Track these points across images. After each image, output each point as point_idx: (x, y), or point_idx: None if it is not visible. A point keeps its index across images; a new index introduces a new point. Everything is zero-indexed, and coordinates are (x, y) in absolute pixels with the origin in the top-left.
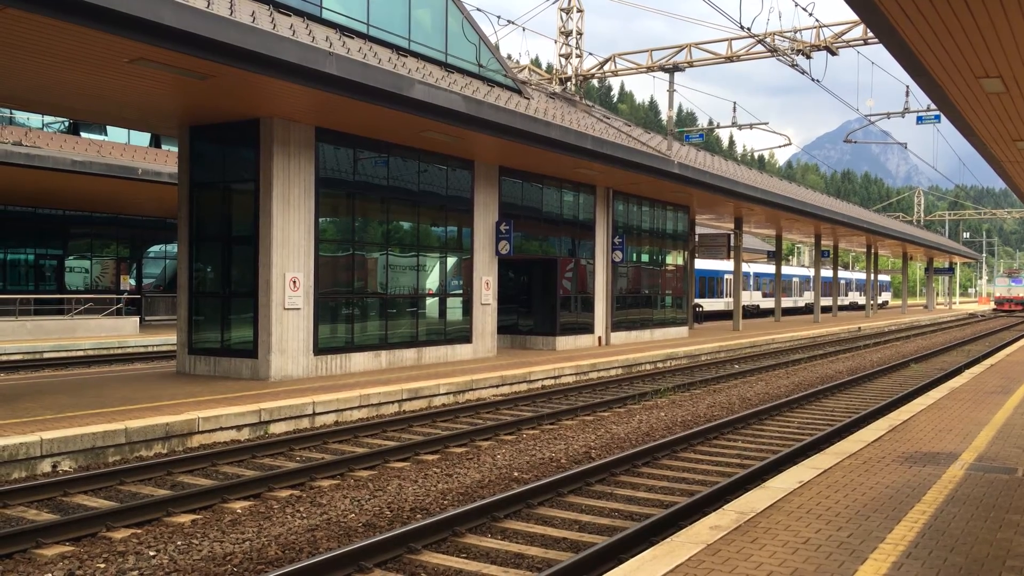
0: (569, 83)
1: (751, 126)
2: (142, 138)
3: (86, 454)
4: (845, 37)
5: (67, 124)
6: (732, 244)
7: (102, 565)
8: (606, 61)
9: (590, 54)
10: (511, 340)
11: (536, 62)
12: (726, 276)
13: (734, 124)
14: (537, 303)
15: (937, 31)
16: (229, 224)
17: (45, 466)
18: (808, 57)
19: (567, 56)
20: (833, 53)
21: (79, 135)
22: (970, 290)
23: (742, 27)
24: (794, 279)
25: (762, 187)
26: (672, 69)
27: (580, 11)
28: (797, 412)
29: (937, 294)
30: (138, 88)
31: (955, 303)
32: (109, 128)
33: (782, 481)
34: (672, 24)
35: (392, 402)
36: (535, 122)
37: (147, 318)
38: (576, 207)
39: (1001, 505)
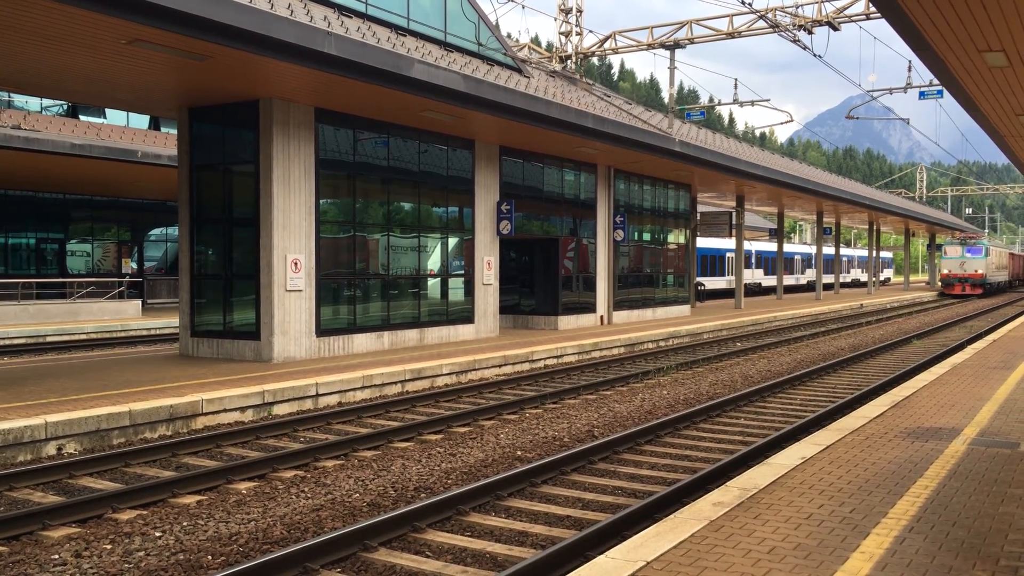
0: (569, 61)
1: (752, 103)
2: (141, 120)
3: (91, 436)
4: (847, 12)
5: (66, 107)
6: (734, 222)
7: (108, 546)
8: (606, 39)
9: (590, 31)
10: (513, 320)
11: (536, 40)
12: (728, 254)
13: (735, 101)
14: (539, 283)
15: (940, 4)
16: (230, 206)
17: (50, 449)
18: (810, 32)
19: (567, 34)
20: (835, 28)
21: (78, 118)
22: None
23: (743, 2)
24: (796, 257)
25: (764, 164)
26: (673, 46)
27: None
28: (799, 389)
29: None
30: (136, 70)
31: None
32: (108, 111)
33: (785, 457)
34: (672, 0)
35: (395, 382)
36: (535, 101)
37: (149, 301)
38: (577, 186)
39: (1003, 479)
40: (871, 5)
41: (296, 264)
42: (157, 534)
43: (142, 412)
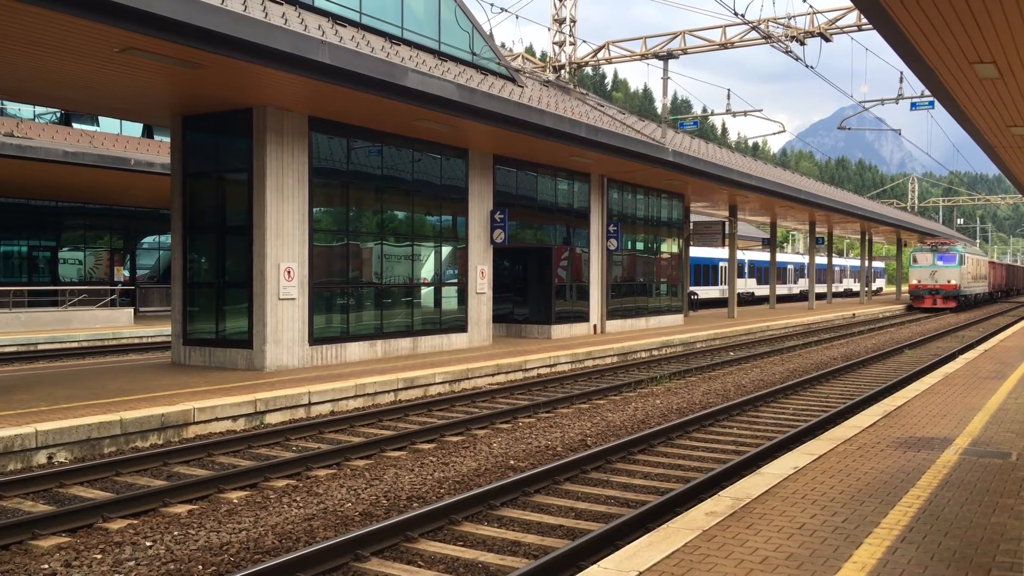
0: (563, 71)
1: (745, 113)
2: (134, 128)
3: (81, 445)
4: (839, 23)
5: (59, 115)
6: (727, 232)
7: (99, 556)
8: (600, 48)
9: (584, 41)
10: (506, 329)
11: (530, 50)
12: (721, 264)
13: (728, 111)
14: (532, 292)
15: (931, 16)
16: (223, 214)
17: (41, 457)
18: (802, 43)
19: (560, 44)
20: (827, 39)
21: (71, 126)
22: None
23: (736, 13)
24: (789, 266)
25: (757, 174)
26: (666, 56)
27: None
28: (792, 399)
29: None
30: (129, 78)
31: None
32: (101, 119)
33: (777, 467)
34: (665, 11)
35: (388, 391)
36: (529, 110)
37: (141, 309)
38: (571, 195)
39: (995, 489)
40: (863, 17)
41: (289, 272)
42: (148, 543)
43: (133, 421)
